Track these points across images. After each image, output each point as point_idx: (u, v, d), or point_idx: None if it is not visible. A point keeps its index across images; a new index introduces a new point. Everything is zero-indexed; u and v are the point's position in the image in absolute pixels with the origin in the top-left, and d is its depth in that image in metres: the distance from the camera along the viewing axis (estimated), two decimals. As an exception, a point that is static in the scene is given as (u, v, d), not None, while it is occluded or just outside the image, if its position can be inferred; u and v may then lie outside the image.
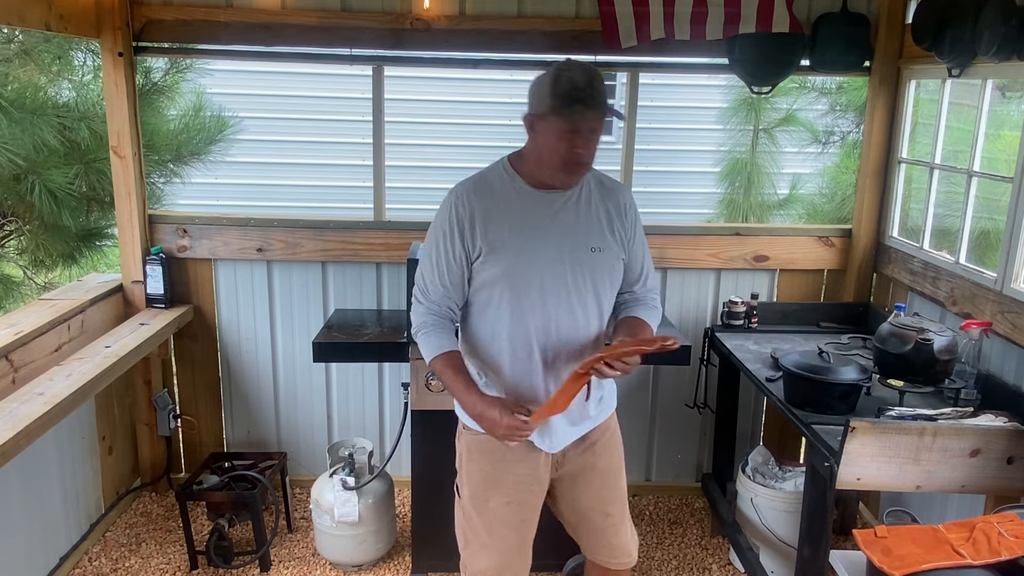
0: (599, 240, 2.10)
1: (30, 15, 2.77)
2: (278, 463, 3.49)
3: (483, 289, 2.08)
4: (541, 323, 2.07)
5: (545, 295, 2.06)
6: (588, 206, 2.11)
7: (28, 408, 2.48)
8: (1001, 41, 2.53)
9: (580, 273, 2.07)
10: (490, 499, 2.20)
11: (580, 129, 1.93)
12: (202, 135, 4.48)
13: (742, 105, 5.52)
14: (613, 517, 2.30)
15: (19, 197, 3.95)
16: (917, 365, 2.65)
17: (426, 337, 2.10)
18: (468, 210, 2.05)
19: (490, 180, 2.11)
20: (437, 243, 2.09)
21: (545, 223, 2.06)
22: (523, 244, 2.04)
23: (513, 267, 2.04)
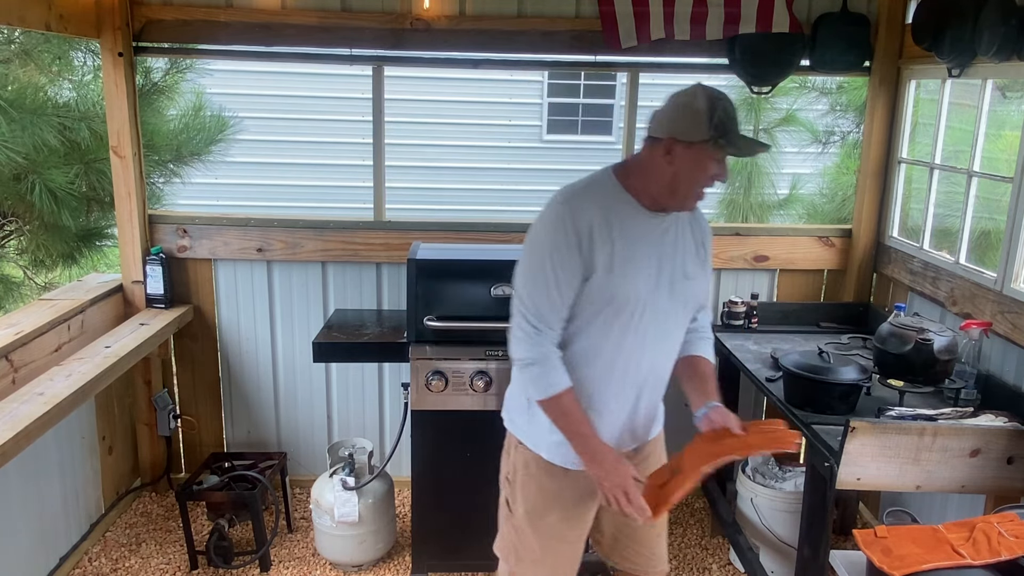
0: (692, 267, 2.07)
1: (30, 15, 2.77)
2: (278, 463, 3.49)
3: (589, 308, 1.97)
4: (638, 346, 2.01)
5: (645, 318, 1.99)
6: (684, 231, 2.06)
7: (28, 408, 2.48)
8: (1001, 41, 2.53)
9: (675, 299, 2.04)
10: (547, 515, 2.16)
11: (725, 161, 1.91)
12: (202, 135, 4.49)
13: (742, 105, 5.52)
14: (657, 527, 2.31)
15: (19, 197, 3.95)
16: (917, 365, 2.65)
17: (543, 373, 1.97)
18: (587, 224, 1.92)
19: (602, 192, 1.99)
20: (552, 258, 1.93)
21: (654, 245, 1.99)
22: (635, 266, 1.95)
23: (625, 289, 1.95)
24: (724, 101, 1.88)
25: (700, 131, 1.85)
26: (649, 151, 1.95)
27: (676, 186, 1.93)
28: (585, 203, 1.95)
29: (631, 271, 1.95)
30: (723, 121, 1.85)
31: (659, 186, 1.95)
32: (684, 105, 1.88)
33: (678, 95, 1.91)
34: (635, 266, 1.95)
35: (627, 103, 3.57)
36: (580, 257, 1.92)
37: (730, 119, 1.87)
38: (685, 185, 1.93)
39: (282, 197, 8.13)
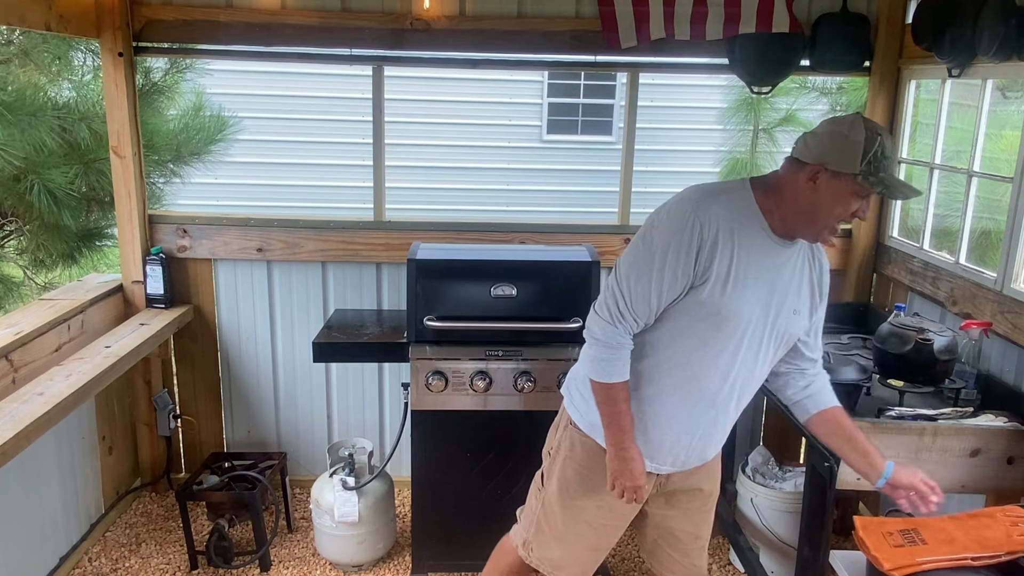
0: (801, 304, 2.01)
1: (30, 15, 2.77)
2: (278, 463, 3.49)
3: (686, 316, 1.92)
4: (725, 371, 1.97)
5: (742, 343, 1.95)
6: (802, 266, 2.00)
7: (28, 408, 2.48)
8: (1001, 41, 2.53)
9: (776, 331, 1.99)
10: (580, 498, 2.17)
11: (869, 199, 1.85)
12: (202, 135, 4.49)
13: (742, 105, 5.53)
14: (702, 539, 2.32)
15: (19, 197, 3.95)
16: (917, 365, 2.65)
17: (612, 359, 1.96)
18: (712, 229, 1.85)
19: (738, 206, 1.91)
20: (665, 253, 1.87)
21: (771, 272, 1.93)
22: (746, 289, 1.89)
23: (730, 309, 1.89)
24: (884, 138, 1.80)
25: (852, 163, 1.78)
26: (793, 174, 1.87)
27: (814, 215, 1.86)
28: (717, 209, 1.88)
29: (741, 291, 1.88)
30: (878, 158, 1.78)
31: (795, 212, 1.88)
32: (841, 135, 1.80)
33: (836, 122, 1.84)
34: (746, 287, 1.89)
35: (627, 103, 3.56)
36: (695, 264, 1.86)
37: (886, 158, 1.79)
38: (823, 216, 1.85)
39: (282, 197, 8.14)
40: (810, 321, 2.07)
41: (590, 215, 7.24)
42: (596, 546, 2.26)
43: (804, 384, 2.13)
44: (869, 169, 1.78)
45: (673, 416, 2.03)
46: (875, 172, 1.78)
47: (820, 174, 1.82)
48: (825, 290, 2.08)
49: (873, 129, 1.79)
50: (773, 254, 1.92)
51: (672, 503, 2.24)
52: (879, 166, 1.78)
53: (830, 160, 1.80)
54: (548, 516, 2.25)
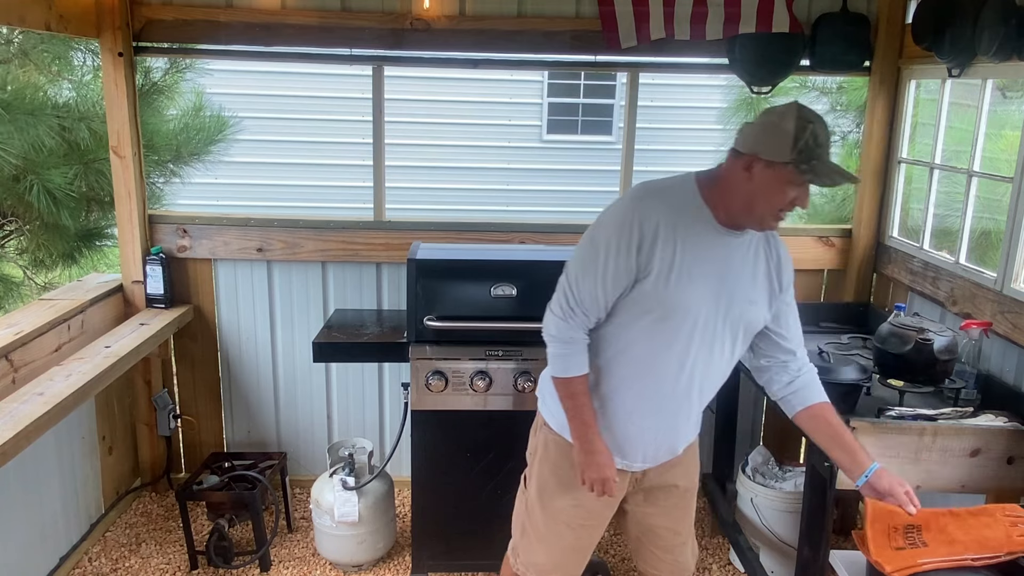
0: (756, 292, 2.03)
1: (30, 15, 2.77)
2: (278, 463, 3.49)
3: (634, 309, 1.97)
4: (679, 361, 1.99)
5: (694, 336, 1.97)
6: (755, 256, 2.02)
7: (28, 408, 2.48)
8: (1001, 41, 2.53)
9: (730, 321, 2.00)
10: (557, 498, 2.20)
11: (806, 187, 1.85)
12: (202, 135, 4.49)
13: (742, 105, 5.52)
14: (682, 535, 2.31)
15: (18, 197, 3.95)
16: (917, 365, 2.65)
17: (569, 353, 2.02)
18: (653, 224, 1.90)
19: (677, 197, 1.96)
20: (607, 249, 1.93)
21: (717, 263, 1.95)
22: (691, 279, 1.92)
23: (676, 300, 1.93)
24: (816, 125, 1.80)
25: (783, 152, 1.79)
26: (731, 164, 1.90)
27: (752, 205, 1.88)
28: (657, 205, 1.92)
29: (686, 282, 1.91)
30: (810, 146, 1.78)
31: (735, 202, 1.91)
32: (773, 124, 1.82)
33: (770, 111, 1.85)
34: (691, 278, 1.92)
35: (627, 103, 3.56)
36: (636, 258, 1.90)
37: (818, 145, 1.79)
38: (761, 206, 1.87)
39: (282, 197, 8.14)
40: (770, 310, 2.07)
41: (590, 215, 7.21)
42: (576, 547, 2.26)
43: (788, 379, 2.13)
44: (800, 157, 1.78)
45: (634, 410, 2.06)
46: (806, 160, 1.79)
47: (754, 164, 1.84)
48: (785, 279, 2.08)
49: (805, 117, 1.80)
50: (721, 245, 1.95)
51: (650, 500, 2.25)
52: (810, 154, 1.78)
53: (763, 150, 1.82)
54: (531, 518, 2.26)
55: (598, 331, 2.04)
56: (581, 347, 2.02)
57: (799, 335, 2.15)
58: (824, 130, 1.81)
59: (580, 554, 2.28)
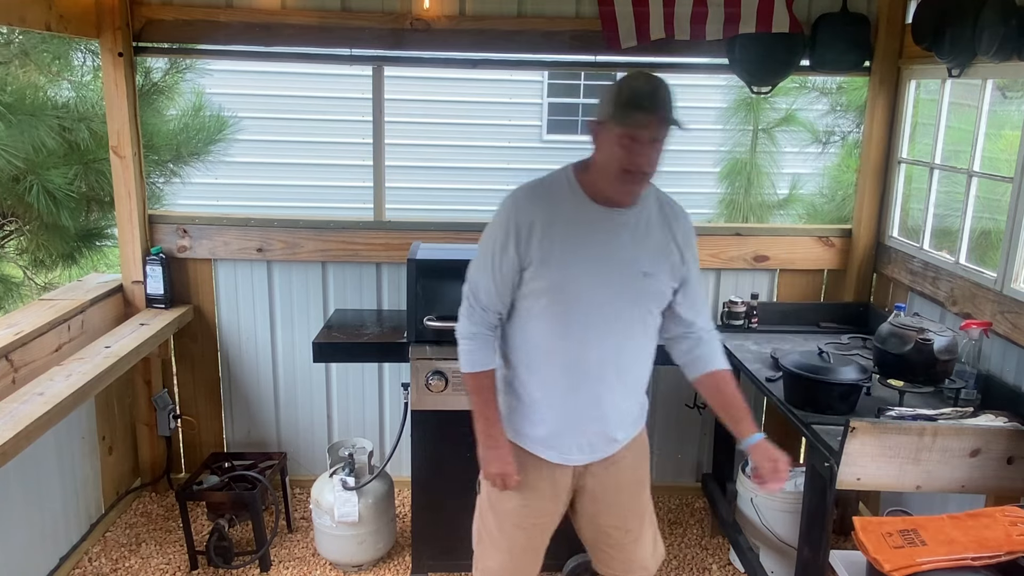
0: (652, 265, 2.04)
1: (30, 15, 2.77)
2: (278, 463, 3.49)
3: (529, 298, 2.03)
4: (581, 341, 2.03)
5: (590, 314, 2.01)
6: (647, 228, 2.04)
7: (28, 408, 2.48)
8: (1001, 41, 2.53)
9: (628, 297, 2.03)
10: (506, 500, 2.20)
11: (639, 137, 1.87)
12: (202, 135, 4.49)
13: (742, 105, 5.52)
14: (633, 532, 2.28)
15: (18, 197, 3.95)
16: (917, 365, 2.65)
17: (471, 349, 2.10)
18: (527, 218, 1.98)
19: (552, 189, 2.04)
20: (493, 248, 2.03)
21: (601, 241, 2.00)
22: (575, 260, 1.98)
23: (562, 281, 1.99)
24: (638, 80, 1.88)
25: (607, 109, 1.88)
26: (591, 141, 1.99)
27: (604, 170, 1.95)
28: (531, 199, 2.02)
29: (569, 264, 1.98)
30: (629, 97, 1.85)
31: (597, 175, 1.99)
32: (605, 88, 1.92)
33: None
34: (574, 259, 1.98)
35: (627, 103, 3.56)
36: (516, 250, 1.99)
37: (638, 95, 1.85)
38: (608, 169, 1.93)
39: (282, 197, 8.13)
40: (674, 281, 2.09)
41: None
42: (528, 547, 2.26)
43: (688, 347, 2.18)
44: (622, 110, 1.86)
45: (554, 400, 2.10)
46: (628, 110, 1.85)
47: (596, 131, 1.94)
48: (686, 251, 2.09)
49: (628, 77, 1.90)
50: (605, 223, 2.00)
51: (595, 500, 2.24)
52: (631, 104, 1.85)
53: (598, 114, 1.93)
54: (485, 523, 2.28)
55: (506, 328, 2.12)
56: (484, 342, 2.09)
57: (701, 303, 2.18)
58: (647, 83, 1.87)
59: (533, 554, 2.28)
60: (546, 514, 2.22)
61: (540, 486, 2.18)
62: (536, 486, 2.17)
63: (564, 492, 2.21)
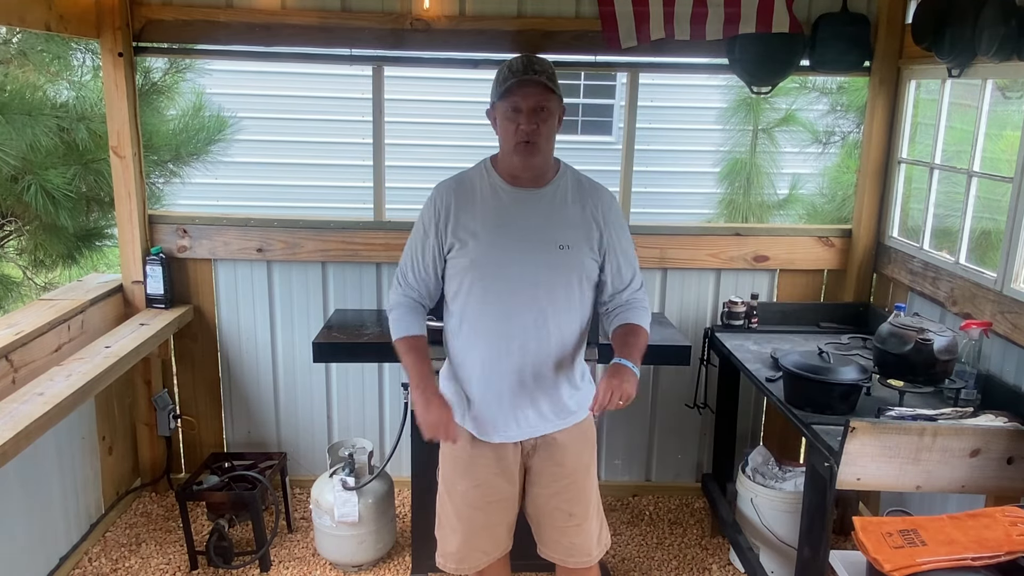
0: (568, 238, 2.14)
1: (30, 15, 2.77)
2: (278, 463, 3.49)
3: (454, 279, 2.18)
4: (505, 316, 2.14)
5: (511, 289, 2.13)
6: (562, 204, 2.16)
7: (28, 408, 2.48)
8: (1001, 41, 2.53)
9: (547, 270, 2.13)
10: (459, 483, 2.28)
11: (520, 107, 2.03)
12: (202, 135, 4.49)
13: (742, 105, 5.52)
14: (576, 517, 2.30)
15: (17, 197, 3.94)
16: (917, 365, 2.65)
17: (396, 318, 2.23)
18: (444, 204, 2.17)
19: (470, 177, 2.23)
20: (417, 233, 2.23)
21: (515, 219, 2.14)
22: (492, 238, 2.13)
23: (480, 260, 2.13)
24: (513, 60, 2.06)
25: (493, 92, 2.10)
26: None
27: (503, 151, 2.14)
28: (449, 187, 2.22)
29: (486, 241, 2.12)
30: (506, 75, 2.04)
31: (502, 158, 2.17)
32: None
33: None
34: (491, 237, 2.12)
35: (627, 103, 3.56)
36: (436, 234, 2.18)
37: (512, 70, 2.03)
38: (504, 142, 2.11)
39: (282, 197, 8.12)
40: (596, 253, 2.17)
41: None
42: (487, 523, 2.30)
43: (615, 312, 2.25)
44: (500, 86, 2.06)
45: (482, 375, 2.19)
46: (505, 84, 2.03)
47: (491, 116, 2.14)
48: (606, 225, 2.17)
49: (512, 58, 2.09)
50: (515, 202, 2.15)
51: (538, 480, 2.28)
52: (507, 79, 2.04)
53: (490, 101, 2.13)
54: (443, 507, 2.35)
55: (446, 323, 2.26)
56: (408, 310, 2.23)
57: (628, 274, 2.24)
58: (521, 59, 2.05)
59: (493, 532, 2.31)
60: (499, 493, 2.28)
61: (487, 466, 2.25)
62: (483, 466, 2.25)
63: (514, 470, 2.27)
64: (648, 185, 6.82)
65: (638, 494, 3.89)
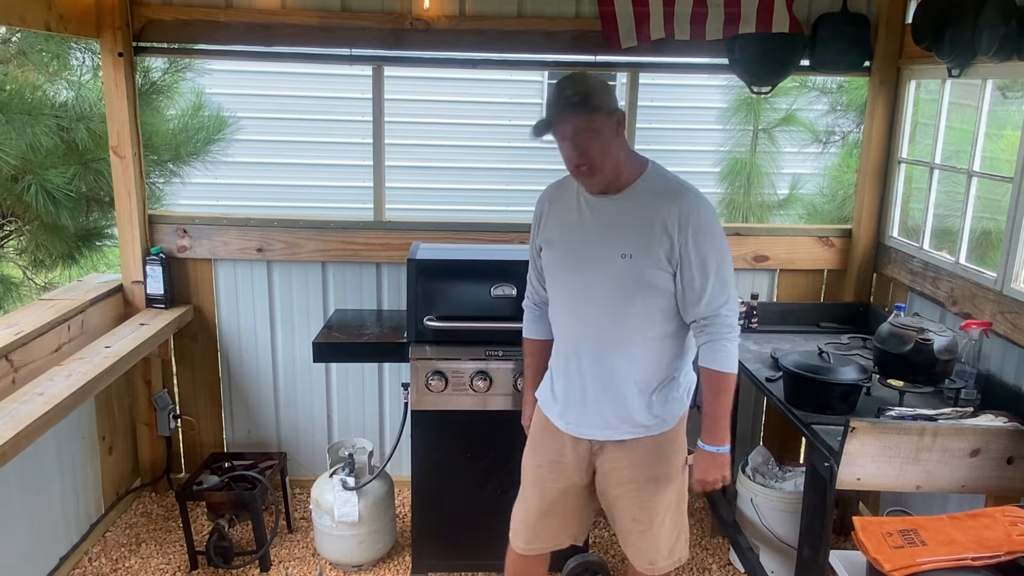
0: (633, 247, 2.09)
1: (30, 15, 2.77)
2: (278, 463, 3.49)
3: (544, 275, 2.32)
4: (570, 322, 2.22)
5: (576, 295, 2.19)
6: (632, 213, 2.12)
7: (28, 408, 2.48)
8: (1001, 41, 2.53)
9: (607, 278, 2.13)
10: (531, 457, 2.40)
11: (561, 138, 2.06)
12: (201, 135, 4.48)
13: (742, 105, 5.52)
14: (640, 524, 2.31)
15: (17, 197, 3.94)
16: (917, 365, 2.65)
17: (527, 320, 2.46)
18: (541, 207, 2.30)
19: (565, 183, 2.27)
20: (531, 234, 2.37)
21: (587, 226, 2.16)
22: (565, 245, 2.20)
23: (554, 264, 2.24)
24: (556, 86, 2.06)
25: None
26: None
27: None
28: (550, 189, 2.32)
29: (559, 247, 2.22)
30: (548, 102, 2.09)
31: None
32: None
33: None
34: (564, 240, 2.21)
35: (627, 103, 3.56)
36: (535, 234, 2.32)
37: (548, 104, 2.07)
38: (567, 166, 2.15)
39: (282, 197, 8.12)
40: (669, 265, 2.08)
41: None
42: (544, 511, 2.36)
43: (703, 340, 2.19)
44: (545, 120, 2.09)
45: (558, 372, 2.31)
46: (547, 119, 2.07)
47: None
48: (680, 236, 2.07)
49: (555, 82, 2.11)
50: (590, 209, 2.18)
51: (605, 478, 2.32)
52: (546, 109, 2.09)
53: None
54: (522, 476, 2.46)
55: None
56: (530, 313, 2.44)
57: (702, 284, 2.10)
58: (554, 89, 2.05)
59: (548, 518, 2.36)
60: (561, 479, 2.32)
61: (555, 450, 2.32)
62: (551, 449, 2.32)
63: (582, 463, 2.30)
64: (648, 185, 6.80)
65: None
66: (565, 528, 2.41)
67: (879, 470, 2.26)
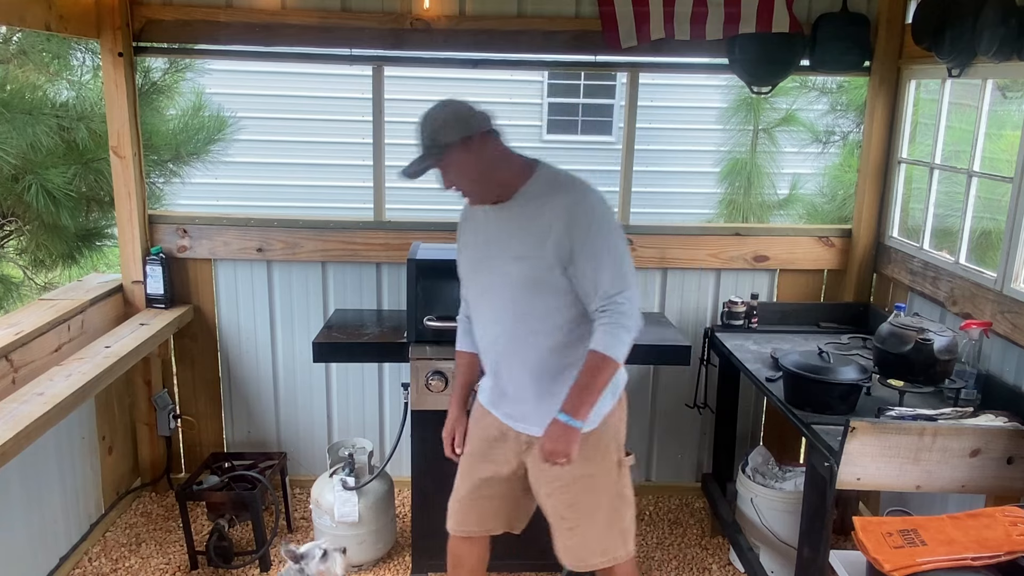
0: (524, 249, 2.12)
1: (30, 15, 2.77)
2: (278, 463, 3.49)
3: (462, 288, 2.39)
4: (481, 326, 2.30)
5: (481, 300, 2.28)
6: (521, 217, 2.15)
7: (28, 408, 2.48)
8: (1001, 41, 2.53)
9: (506, 281, 2.17)
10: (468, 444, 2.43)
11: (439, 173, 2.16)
12: (201, 135, 4.48)
13: (742, 105, 5.53)
14: (568, 521, 2.32)
15: (17, 197, 3.94)
16: (917, 365, 2.65)
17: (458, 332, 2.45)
18: (460, 222, 2.36)
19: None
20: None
21: (485, 234, 2.24)
22: (472, 252, 2.29)
23: (466, 272, 2.33)
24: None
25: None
26: None
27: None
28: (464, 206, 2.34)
29: (464, 256, 2.32)
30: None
31: None
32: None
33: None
34: (466, 251, 2.31)
35: (627, 103, 3.56)
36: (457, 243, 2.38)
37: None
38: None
39: (282, 197, 8.13)
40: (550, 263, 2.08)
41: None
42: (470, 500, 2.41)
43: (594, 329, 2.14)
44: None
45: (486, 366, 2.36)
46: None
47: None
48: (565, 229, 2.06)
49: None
50: (485, 217, 2.24)
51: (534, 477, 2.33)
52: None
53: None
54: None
55: None
56: (463, 327, 2.43)
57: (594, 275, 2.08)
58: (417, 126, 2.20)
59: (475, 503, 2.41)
60: (486, 469, 2.37)
61: (485, 439, 2.36)
62: (482, 438, 2.37)
63: (511, 455, 2.33)
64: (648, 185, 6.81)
65: (638, 494, 3.84)
66: (493, 514, 2.43)
67: (879, 470, 2.26)
